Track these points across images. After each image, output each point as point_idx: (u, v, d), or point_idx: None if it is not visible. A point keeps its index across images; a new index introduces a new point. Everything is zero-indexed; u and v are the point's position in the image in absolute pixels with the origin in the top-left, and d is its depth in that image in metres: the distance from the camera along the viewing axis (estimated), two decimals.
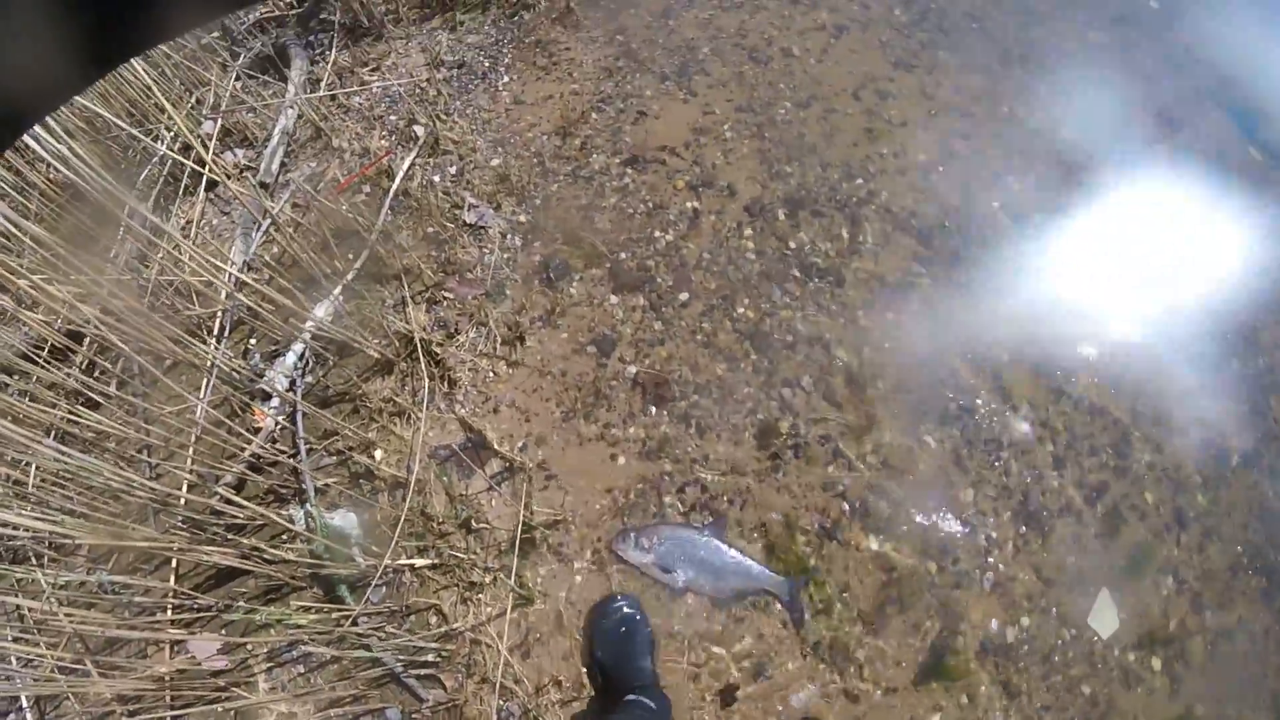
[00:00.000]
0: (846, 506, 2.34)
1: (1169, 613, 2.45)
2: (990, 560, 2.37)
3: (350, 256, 2.73)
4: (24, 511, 1.96)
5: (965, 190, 2.89)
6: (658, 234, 2.69)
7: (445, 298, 2.65)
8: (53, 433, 2.45)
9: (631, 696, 1.93)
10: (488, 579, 2.26)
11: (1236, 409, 2.79)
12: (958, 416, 2.55)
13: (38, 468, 2.13)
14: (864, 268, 2.68)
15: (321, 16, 3.45)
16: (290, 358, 2.57)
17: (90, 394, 2.46)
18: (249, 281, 2.45)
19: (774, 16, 3.32)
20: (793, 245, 2.68)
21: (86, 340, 2.54)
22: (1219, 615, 2.50)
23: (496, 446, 2.40)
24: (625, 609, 2.12)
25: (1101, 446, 2.64)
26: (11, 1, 0.43)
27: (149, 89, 2.93)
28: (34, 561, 2.25)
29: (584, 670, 2.14)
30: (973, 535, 2.37)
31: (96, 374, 2.58)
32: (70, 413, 2.23)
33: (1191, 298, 2.90)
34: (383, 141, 3.08)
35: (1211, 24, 3.74)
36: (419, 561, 2.28)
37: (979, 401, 2.55)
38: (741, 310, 2.57)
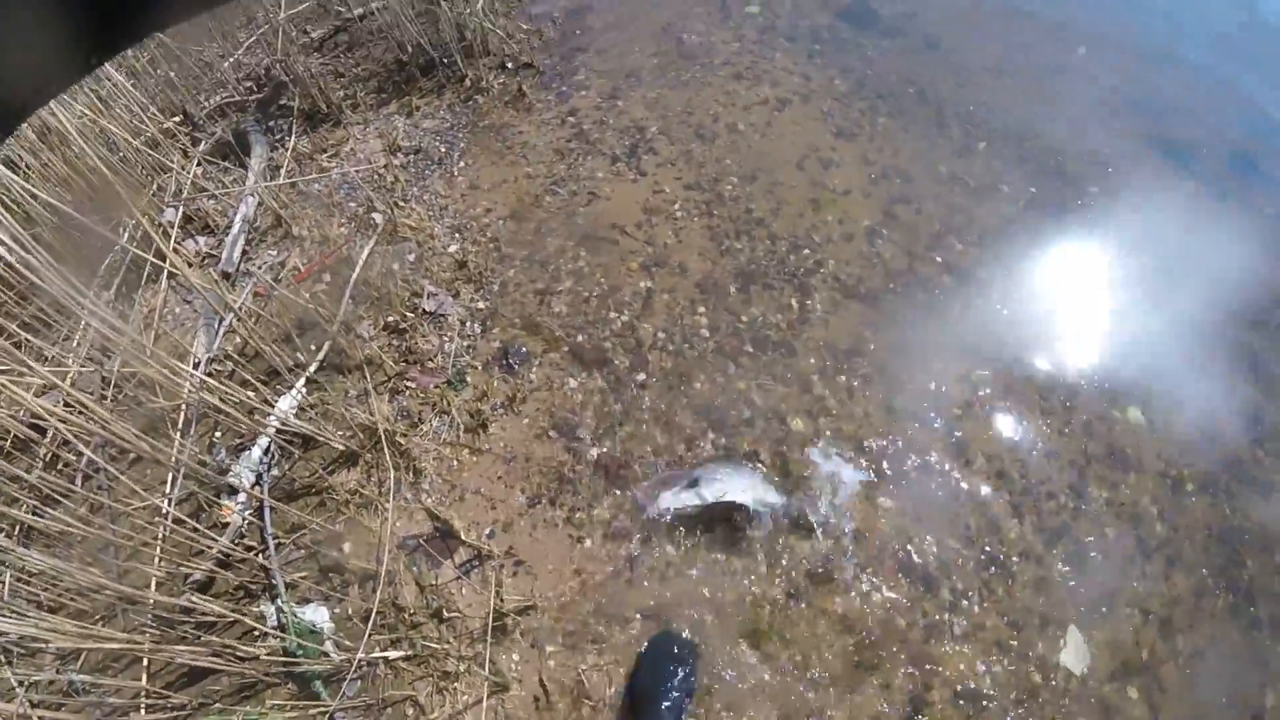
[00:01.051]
0: (807, 569, 2.40)
1: (1140, 642, 2.50)
2: (959, 610, 2.42)
3: (313, 348, 2.79)
4: None
5: (908, 252, 3.00)
6: (613, 315, 2.77)
7: (407, 387, 2.72)
8: (17, 528, 2.49)
9: None
10: (462, 667, 2.28)
11: (1188, 436, 2.87)
12: (915, 474, 2.61)
13: (4, 563, 2.16)
14: (814, 336, 2.77)
15: (281, 102, 3.54)
16: (255, 452, 2.61)
17: (52, 490, 2.50)
18: (210, 380, 2.50)
19: (718, 93, 3.45)
20: (745, 319, 2.77)
21: (49, 434, 2.56)
22: (1190, 638, 2.55)
23: (464, 535, 2.45)
24: (674, 648, 2.20)
25: (1059, 490, 2.71)
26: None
27: (110, 175, 3.01)
28: (2, 659, 2.26)
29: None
30: (938, 587, 2.43)
31: (60, 467, 2.60)
32: (34, 510, 2.27)
33: (1133, 333, 3.01)
34: (341, 229, 3.15)
35: (1137, 68, 3.92)
36: (393, 654, 2.32)
37: (933, 458, 2.63)
38: (699, 386, 2.65)
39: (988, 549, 2.50)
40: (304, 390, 2.70)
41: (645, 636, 2.26)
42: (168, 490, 2.52)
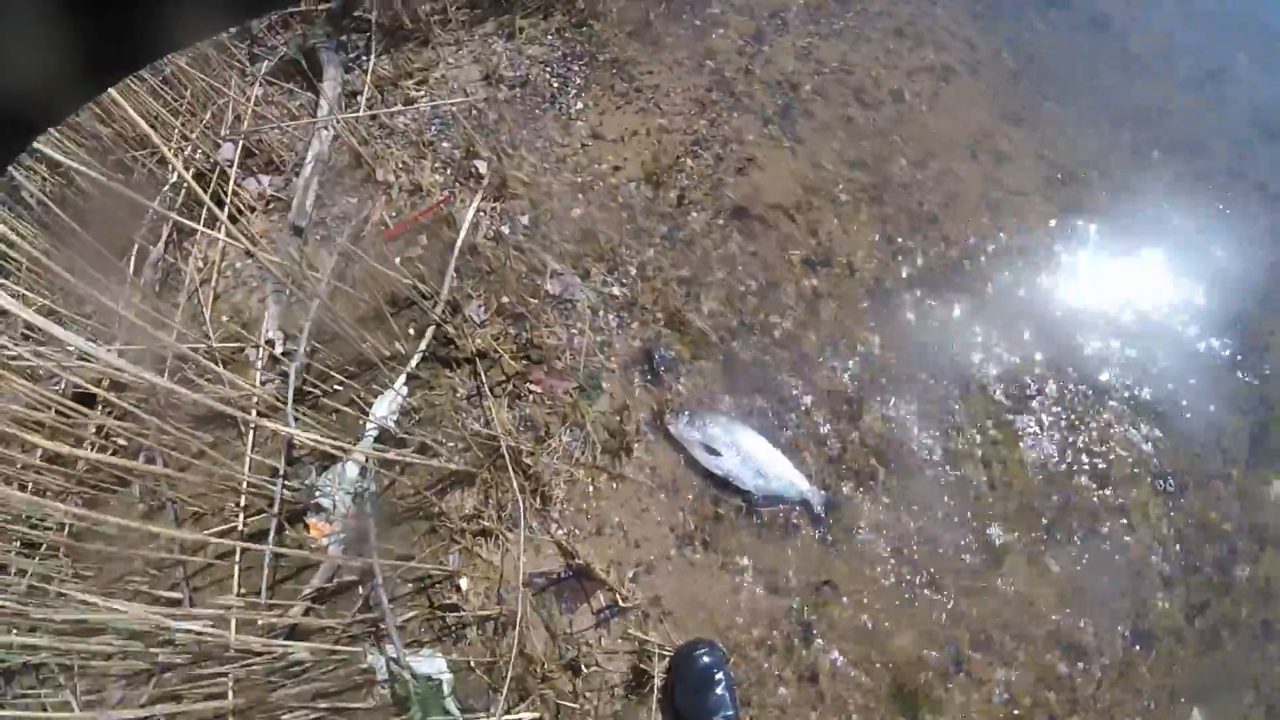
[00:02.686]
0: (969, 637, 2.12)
1: None
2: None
3: (411, 333, 2.30)
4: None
5: (1085, 276, 2.64)
6: (773, 319, 2.35)
7: (531, 391, 2.26)
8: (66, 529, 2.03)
9: None
10: None
11: None
12: (1078, 534, 2.34)
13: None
14: (987, 373, 2.41)
15: (356, 14, 2.88)
16: (351, 469, 2.15)
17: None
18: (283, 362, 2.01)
19: (878, 51, 2.96)
20: (919, 339, 2.38)
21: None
22: None
23: (602, 576, 2.06)
24: (705, 659, 1.94)
25: (1208, 562, 2.49)
26: (21, 9, 0.42)
27: (156, 100, 2.40)
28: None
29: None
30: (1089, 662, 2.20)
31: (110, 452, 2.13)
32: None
33: None
34: (436, 176, 2.60)
35: None
36: (527, 716, 1.95)
37: (1100, 517, 2.34)
38: (869, 420, 2.27)
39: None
40: (404, 389, 2.22)
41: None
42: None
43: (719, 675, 1.92)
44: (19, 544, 2.03)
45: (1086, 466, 2.38)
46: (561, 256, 2.43)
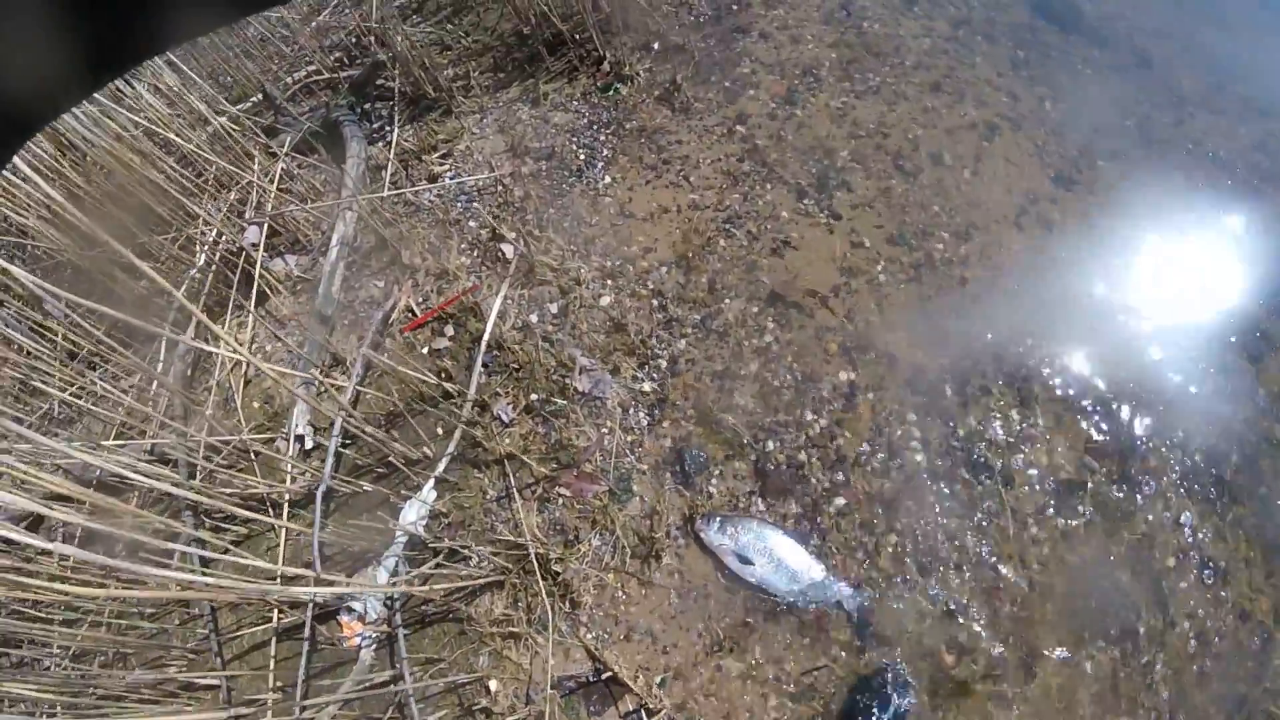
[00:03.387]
0: None
1: None
2: None
3: (439, 431, 2.27)
4: None
5: (1135, 351, 2.52)
6: (809, 416, 2.28)
7: (560, 495, 2.22)
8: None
9: None
10: None
11: None
12: (1121, 637, 2.26)
13: None
14: (1034, 461, 2.32)
15: (379, 82, 2.82)
16: (382, 574, 2.14)
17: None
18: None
19: (915, 110, 2.83)
20: (961, 433, 2.30)
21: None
22: None
23: (630, 682, 2.04)
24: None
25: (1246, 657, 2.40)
26: (20, 6, 0.42)
27: (181, 186, 2.38)
28: None
29: None
30: None
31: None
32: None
33: None
34: (463, 259, 2.55)
35: None
36: None
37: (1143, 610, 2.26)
38: (905, 522, 2.21)
39: None
40: (433, 494, 2.20)
41: None
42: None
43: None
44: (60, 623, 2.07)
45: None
46: (591, 350, 2.38)
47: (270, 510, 2.30)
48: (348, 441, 2.27)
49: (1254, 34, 3.52)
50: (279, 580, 2.02)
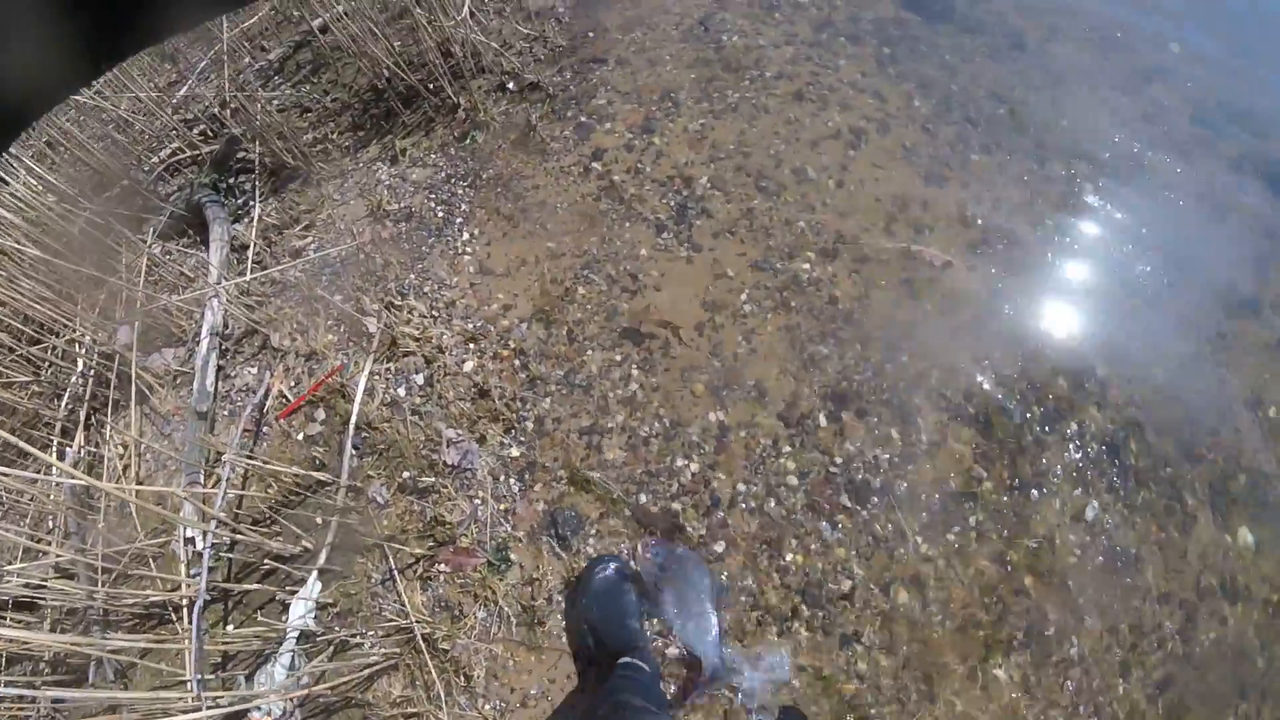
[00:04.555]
0: None
1: None
2: None
3: (319, 521, 2.26)
4: None
5: (1020, 350, 2.48)
6: (680, 463, 2.25)
7: (440, 572, 2.21)
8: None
9: (625, 659, 1.85)
10: None
11: None
12: (1025, 644, 2.24)
13: None
14: (920, 478, 2.29)
15: (239, 155, 2.77)
16: (279, 671, 2.14)
17: None
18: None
19: (778, 122, 2.77)
20: (839, 460, 2.27)
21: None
22: None
23: None
24: (612, 569, 2.02)
25: (1167, 638, 2.39)
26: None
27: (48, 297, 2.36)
28: None
29: (577, 641, 2.02)
30: None
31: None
32: None
33: None
34: (330, 336, 2.52)
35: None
36: None
37: (1051, 619, 2.25)
38: (790, 558, 2.19)
39: None
40: (318, 586, 2.19)
41: None
42: None
43: (626, 581, 2.02)
44: None
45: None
46: (459, 419, 2.34)
47: (174, 614, 2.30)
48: (233, 543, 2.25)
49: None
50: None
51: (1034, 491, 2.34)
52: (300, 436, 2.43)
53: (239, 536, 2.20)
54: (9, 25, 0.44)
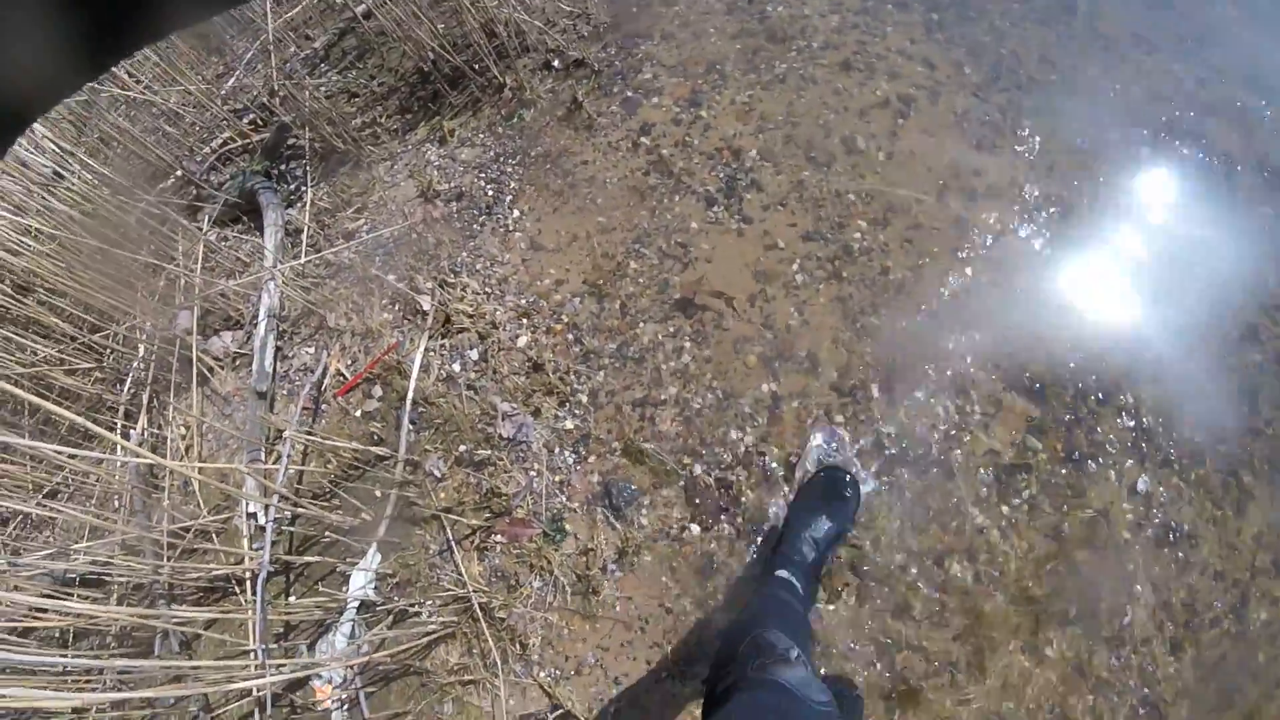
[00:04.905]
0: None
1: None
2: None
3: (377, 494, 2.31)
4: None
5: (1074, 321, 2.44)
6: (734, 434, 2.26)
7: (497, 543, 2.25)
8: None
9: (783, 573, 1.85)
10: None
11: None
12: (1077, 618, 2.22)
13: None
14: (974, 449, 2.27)
15: (290, 142, 2.82)
16: (339, 640, 2.20)
17: None
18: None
19: (826, 93, 2.74)
20: (891, 431, 2.26)
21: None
22: None
23: (581, 716, 2.08)
24: (847, 478, 2.08)
25: (1221, 616, 2.35)
26: None
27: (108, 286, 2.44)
28: None
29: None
30: None
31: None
32: None
33: None
34: (385, 315, 2.56)
35: None
36: None
37: (1103, 594, 2.22)
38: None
39: None
40: (377, 558, 2.24)
41: None
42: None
43: (849, 495, 2.05)
44: None
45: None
46: (513, 393, 2.37)
47: (237, 586, 2.37)
48: (295, 517, 2.31)
49: None
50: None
51: (1090, 464, 2.30)
52: (358, 413, 2.47)
53: (300, 510, 2.25)
54: (7, 23, 0.43)
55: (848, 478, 2.10)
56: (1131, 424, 2.38)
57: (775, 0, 3.00)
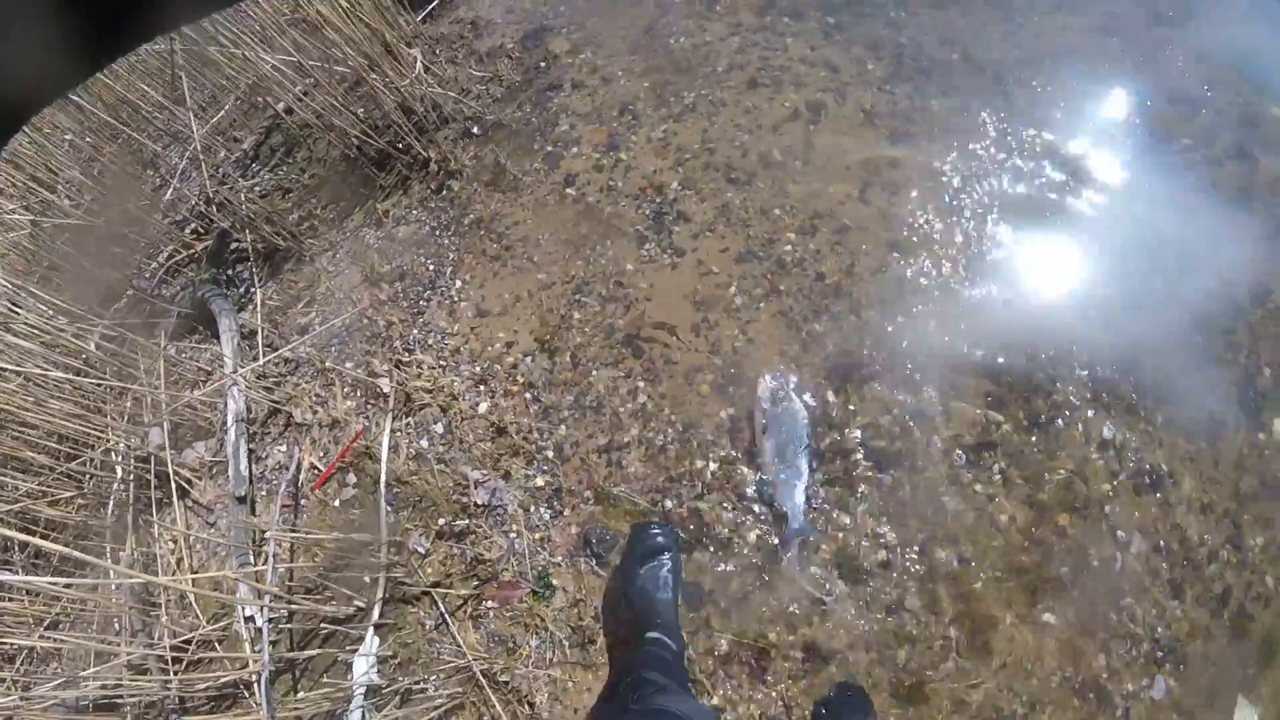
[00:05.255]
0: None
1: None
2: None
3: (366, 580, 2.35)
4: None
5: (1022, 293, 2.49)
6: (699, 464, 2.31)
7: (489, 609, 2.29)
8: None
9: (652, 634, 1.87)
10: None
11: None
12: (1071, 582, 2.26)
13: None
14: (937, 434, 2.32)
15: (233, 246, 2.90)
16: None
17: None
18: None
19: (737, 114, 2.81)
20: (854, 433, 2.31)
21: None
22: None
23: None
24: (659, 538, 2.02)
25: (1218, 548, 2.38)
26: None
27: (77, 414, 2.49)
28: None
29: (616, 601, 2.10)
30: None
31: None
32: None
33: None
34: (348, 403, 2.62)
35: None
36: None
37: (1092, 552, 2.25)
38: (813, 538, 2.23)
39: None
40: (376, 641, 2.28)
41: None
42: None
43: (670, 552, 2.02)
44: None
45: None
46: (482, 459, 2.42)
47: (245, 690, 2.41)
48: (291, 614, 2.35)
49: None
50: None
51: (1053, 426, 2.35)
52: (337, 503, 2.52)
53: (295, 607, 2.30)
54: (7, 21, 0.44)
55: (653, 529, 2.09)
56: (1086, 374, 2.41)
57: (676, 33, 3.07)
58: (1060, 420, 2.37)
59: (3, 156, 2.82)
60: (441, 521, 2.37)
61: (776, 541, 2.19)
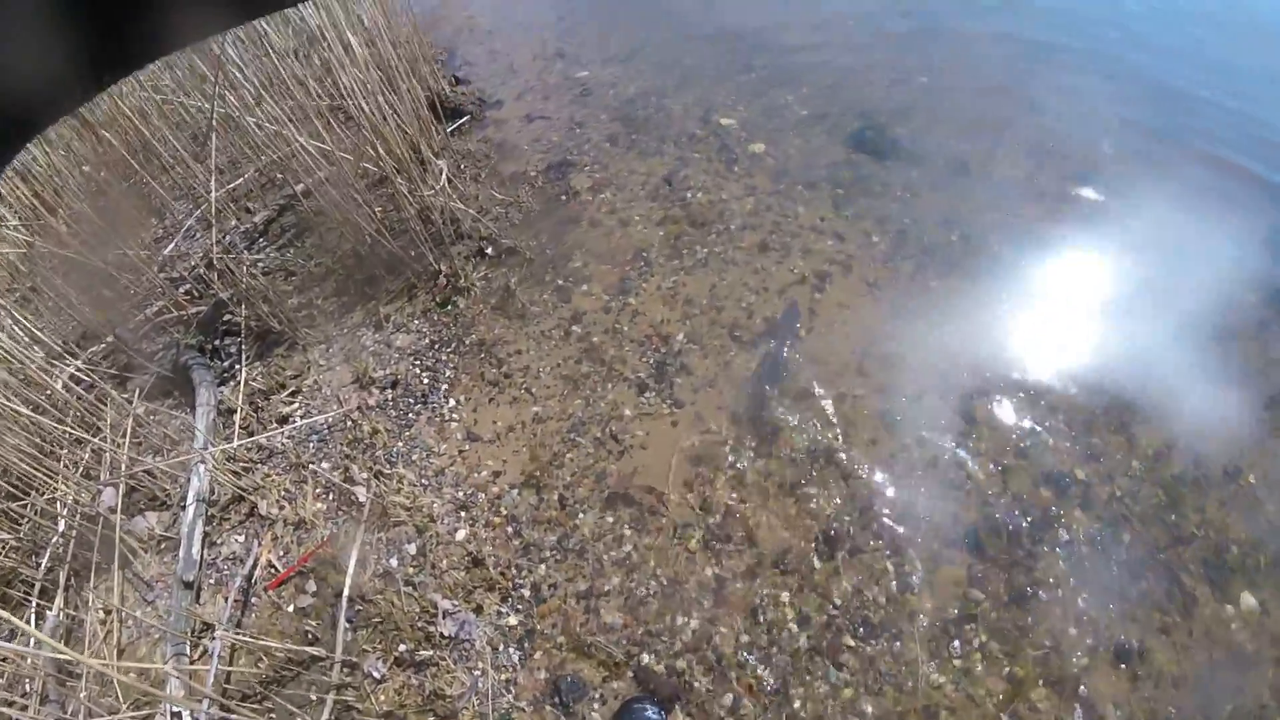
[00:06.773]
0: None
1: None
2: None
3: (313, 697, 2.21)
4: None
5: (1009, 465, 2.56)
6: (680, 620, 2.27)
7: None
8: None
9: None
10: None
11: None
12: None
13: None
14: (919, 608, 2.32)
15: (226, 318, 2.84)
16: None
17: None
18: None
19: (746, 273, 2.92)
20: (838, 602, 2.30)
21: None
22: None
23: None
24: (650, 716, 2.00)
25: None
26: (21, 6, 0.42)
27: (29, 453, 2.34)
28: None
29: None
30: None
31: None
32: None
33: None
34: (319, 504, 2.52)
35: None
36: None
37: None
38: (797, 706, 2.18)
39: None
40: None
41: None
42: None
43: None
44: None
45: None
46: (453, 589, 2.34)
47: None
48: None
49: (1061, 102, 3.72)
50: None
51: (1033, 601, 2.37)
52: (291, 609, 2.41)
53: (229, 716, 2.14)
54: (13, 37, 0.44)
55: (647, 711, 2.11)
56: (1069, 558, 2.46)
57: (695, 187, 3.21)
58: (1039, 597, 2.40)
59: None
60: (403, 648, 2.28)
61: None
